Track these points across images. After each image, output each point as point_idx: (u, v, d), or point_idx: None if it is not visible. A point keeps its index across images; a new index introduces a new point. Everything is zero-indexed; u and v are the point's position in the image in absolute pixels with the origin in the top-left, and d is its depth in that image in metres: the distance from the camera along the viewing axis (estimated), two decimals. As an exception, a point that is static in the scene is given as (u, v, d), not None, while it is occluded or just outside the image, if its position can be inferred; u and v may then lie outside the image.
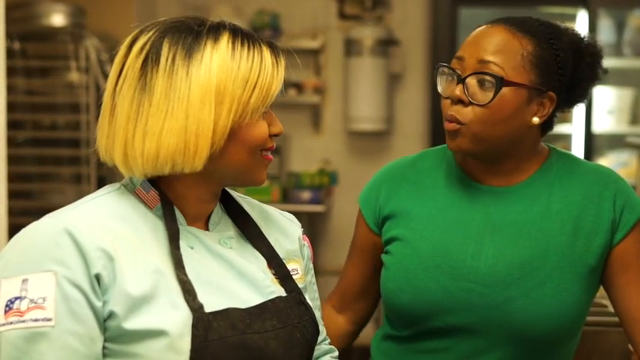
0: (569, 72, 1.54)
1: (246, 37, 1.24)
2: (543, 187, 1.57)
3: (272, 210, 1.42)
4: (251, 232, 1.33)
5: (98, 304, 1.15)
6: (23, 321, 1.12)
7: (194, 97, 1.18)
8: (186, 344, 1.15)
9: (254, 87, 1.21)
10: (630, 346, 1.56)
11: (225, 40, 1.22)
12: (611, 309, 2.18)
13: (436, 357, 1.57)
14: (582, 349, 1.72)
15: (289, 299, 1.29)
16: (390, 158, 5.05)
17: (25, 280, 1.14)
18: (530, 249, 1.54)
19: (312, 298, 1.41)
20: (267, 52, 1.25)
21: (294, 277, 1.33)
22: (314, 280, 1.44)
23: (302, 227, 1.44)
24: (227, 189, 1.36)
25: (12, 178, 3.13)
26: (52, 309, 1.13)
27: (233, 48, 1.21)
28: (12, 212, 3.07)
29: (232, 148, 1.22)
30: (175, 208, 1.26)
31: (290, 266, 1.34)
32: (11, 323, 1.13)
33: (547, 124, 1.58)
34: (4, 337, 1.13)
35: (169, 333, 1.15)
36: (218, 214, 1.32)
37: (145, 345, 1.15)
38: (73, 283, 1.14)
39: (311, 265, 1.43)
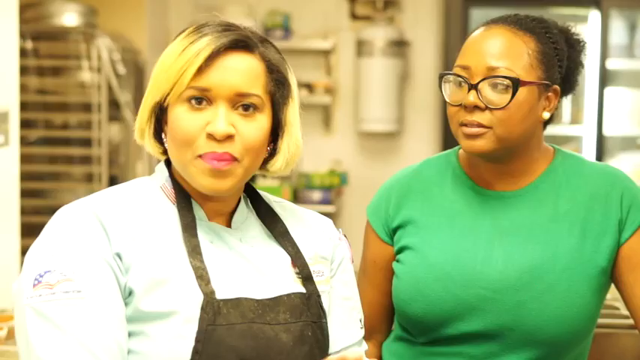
0: (565, 63, 1.56)
1: (198, 29, 1.24)
2: (550, 189, 1.57)
3: (305, 212, 1.41)
4: (278, 231, 1.33)
5: (122, 280, 1.18)
6: (53, 293, 1.14)
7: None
8: (193, 327, 1.17)
9: (167, 70, 1.22)
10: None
11: (182, 33, 1.26)
12: (623, 311, 2.18)
13: (449, 360, 1.57)
14: (594, 351, 1.71)
15: (309, 297, 1.28)
16: (400, 159, 5.07)
17: (53, 255, 1.17)
18: (540, 252, 1.54)
19: (348, 297, 1.38)
20: (202, 41, 1.21)
21: (318, 278, 1.32)
22: (353, 280, 1.40)
23: (339, 229, 1.43)
24: (259, 192, 1.36)
25: (24, 176, 3.14)
26: (81, 281, 1.15)
27: (178, 37, 1.25)
28: (24, 211, 3.09)
29: (168, 138, 1.25)
30: (196, 203, 1.27)
31: (316, 267, 1.33)
32: (40, 295, 1.15)
33: (549, 119, 1.58)
34: (33, 309, 1.15)
35: (180, 314, 1.17)
36: (242, 213, 1.32)
37: (156, 326, 1.17)
38: (102, 256, 1.17)
39: (349, 265, 1.40)
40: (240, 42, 1.23)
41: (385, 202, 1.64)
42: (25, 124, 3.53)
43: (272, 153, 1.30)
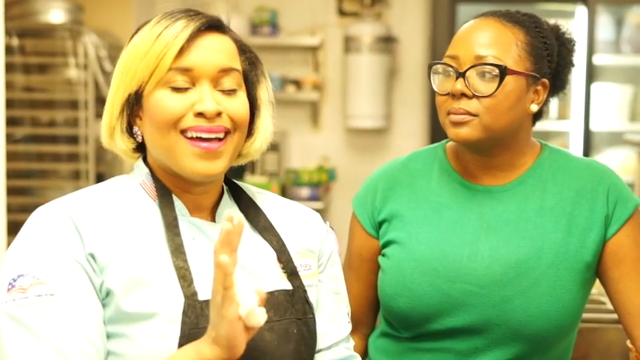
0: (555, 59, 1.56)
1: (169, 16, 1.24)
2: (536, 184, 1.58)
3: (291, 204, 1.40)
4: (261, 225, 1.32)
5: (97, 280, 1.17)
6: (26, 297, 1.13)
7: (113, 75, 1.27)
8: (175, 330, 1.16)
9: (143, 57, 1.21)
10: (629, 343, 1.57)
11: (150, 22, 1.25)
12: (608, 306, 2.19)
13: (435, 356, 1.57)
14: (580, 345, 1.72)
15: (293, 294, 1.28)
16: (388, 155, 5.07)
17: (26, 258, 1.16)
18: (526, 247, 1.54)
19: (337, 292, 1.38)
20: (178, 24, 1.22)
21: (305, 272, 1.32)
22: (341, 274, 1.40)
23: (327, 221, 1.42)
24: (238, 183, 1.35)
25: (10, 174, 3.13)
26: (53, 284, 1.14)
27: (145, 27, 1.25)
28: (10, 209, 3.07)
29: (146, 126, 1.23)
30: (178, 199, 1.26)
31: (303, 261, 1.33)
32: (14, 300, 1.14)
33: (538, 114, 1.59)
34: (6, 314, 1.14)
35: (161, 316, 1.16)
36: (226, 206, 1.31)
37: (137, 328, 1.16)
38: (74, 258, 1.16)
39: (337, 259, 1.40)
40: (214, 23, 1.25)
41: (372, 195, 1.64)
42: (11, 122, 3.51)
43: (248, 135, 1.30)
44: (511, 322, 1.52)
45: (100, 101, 3.97)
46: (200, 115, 1.20)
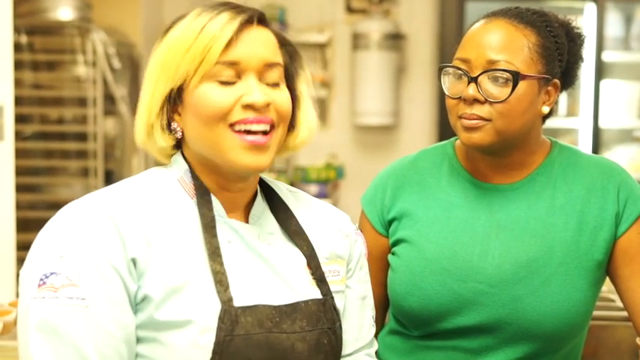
0: (566, 57, 1.56)
1: (212, 8, 1.22)
2: (546, 182, 1.57)
3: (322, 205, 1.39)
4: (292, 230, 1.30)
5: (133, 287, 1.15)
6: (57, 297, 1.11)
7: (148, 72, 1.24)
8: (210, 337, 1.14)
9: (187, 51, 1.19)
10: (638, 340, 1.56)
11: (188, 16, 1.23)
12: (618, 303, 2.18)
13: (445, 354, 1.57)
14: (589, 343, 1.72)
15: (324, 303, 1.26)
16: (396, 152, 5.07)
17: (62, 257, 1.13)
18: (536, 246, 1.53)
19: (364, 296, 1.37)
20: (222, 17, 1.20)
21: (334, 278, 1.30)
22: (367, 277, 1.39)
23: (354, 224, 1.41)
24: (270, 182, 1.34)
25: (19, 171, 3.14)
26: (86, 288, 1.12)
27: (183, 21, 1.23)
28: (19, 206, 3.08)
29: (188, 121, 1.21)
30: (216, 199, 1.24)
31: (331, 267, 1.31)
32: (44, 298, 1.12)
33: (548, 112, 1.58)
34: (34, 310, 1.12)
35: (196, 323, 1.14)
36: (260, 207, 1.29)
37: (172, 334, 1.14)
38: (110, 264, 1.13)
39: (365, 262, 1.39)
40: (259, 17, 1.23)
41: (381, 193, 1.64)
42: (20, 119, 3.52)
43: (289, 128, 1.28)
44: (521, 320, 1.52)
45: (109, 98, 3.97)
46: (248, 107, 1.19)
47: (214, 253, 1.19)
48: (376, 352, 1.67)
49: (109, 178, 3.98)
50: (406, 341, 1.61)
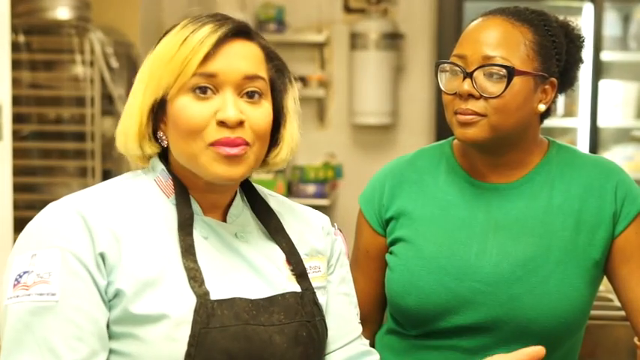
0: (564, 57, 1.56)
1: (195, 20, 1.23)
2: (544, 181, 1.57)
3: (301, 207, 1.40)
4: (272, 227, 1.31)
5: (102, 282, 1.16)
6: (29, 295, 1.14)
7: (136, 80, 1.26)
8: (185, 330, 1.15)
9: (168, 62, 1.20)
10: (636, 340, 1.56)
11: (177, 26, 1.24)
12: (616, 303, 2.18)
13: (442, 354, 1.57)
14: (587, 342, 1.72)
15: (303, 296, 1.27)
16: (394, 152, 5.07)
17: (33, 256, 1.16)
18: (534, 245, 1.54)
19: (347, 293, 1.37)
20: (204, 29, 1.21)
21: (315, 274, 1.31)
22: (349, 275, 1.40)
23: (334, 224, 1.42)
24: (255, 185, 1.35)
25: (17, 171, 3.13)
26: (56, 284, 1.14)
27: (171, 32, 1.24)
28: (17, 205, 3.07)
29: (170, 133, 1.23)
30: (192, 197, 1.26)
31: (312, 263, 1.32)
32: (17, 297, 1.14)
33: (546, 111, 1.58)
34: (10, 310, 1.14)
35: (171, 317, 1.16)
36: (238, 207, 1.30)
37: (148, 328, 1.16)
38: (78, 259, 1.15)
39: (345, 261, 1.40)
40: (242, 30, 1.23)
41: (378, 192, 1.64)
42: (17, 119, 3.51)
43: (273, 144, 1.28)
44: (519, 319, 1.52)
45: (107, 98, 3.97)
46: (222, 123, 1.19)
47: (187, 251, 1.20)
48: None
49: (107, 178, 3.96)
50: (404, 340, 1.62)
